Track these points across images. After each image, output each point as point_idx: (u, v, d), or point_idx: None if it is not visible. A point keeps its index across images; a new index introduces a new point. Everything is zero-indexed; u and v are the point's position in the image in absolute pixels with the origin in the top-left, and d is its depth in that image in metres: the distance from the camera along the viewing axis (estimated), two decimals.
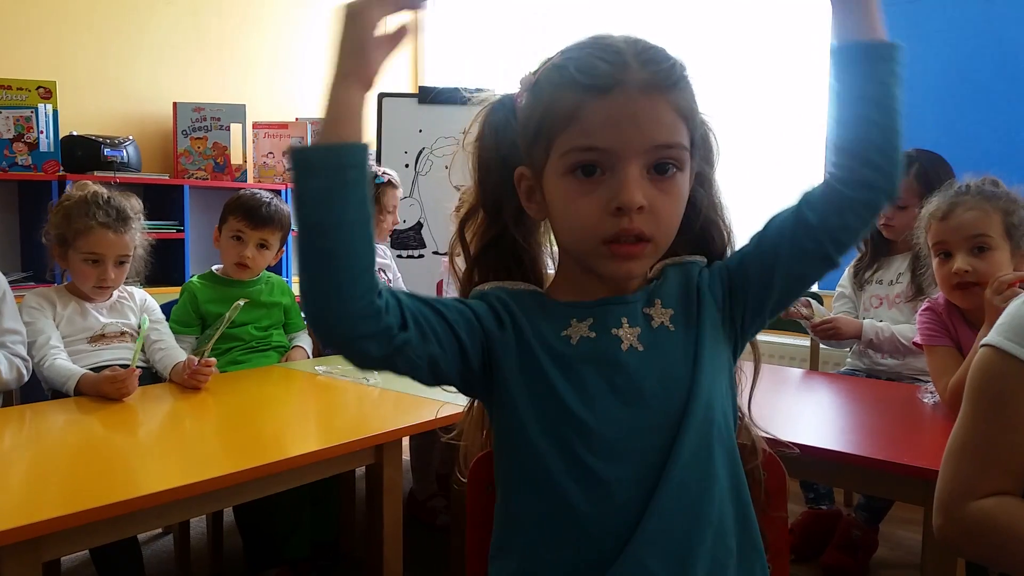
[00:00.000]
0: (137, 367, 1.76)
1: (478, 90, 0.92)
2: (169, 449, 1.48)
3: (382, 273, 2.70)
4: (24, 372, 1.84)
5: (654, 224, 0.76)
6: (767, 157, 3.48)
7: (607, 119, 0.74)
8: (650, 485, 0.76)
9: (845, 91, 0.79)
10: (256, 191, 2.37)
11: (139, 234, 2.03)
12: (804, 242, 0.81)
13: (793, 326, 2.23)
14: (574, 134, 0.76)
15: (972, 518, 0.89)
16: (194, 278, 2.34)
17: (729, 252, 0.91)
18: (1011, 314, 0.93)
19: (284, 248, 2.42)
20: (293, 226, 2.79)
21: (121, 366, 1.83)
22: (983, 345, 0.92)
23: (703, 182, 0.87)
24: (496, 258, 0.88)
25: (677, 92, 0.77)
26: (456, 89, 3.59)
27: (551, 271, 0.91)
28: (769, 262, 0.83)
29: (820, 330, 2.17)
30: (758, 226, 0.86)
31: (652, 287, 0.85)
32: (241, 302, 1.95)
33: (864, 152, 0.78)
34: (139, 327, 1.99)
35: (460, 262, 0.90)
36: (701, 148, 0.84)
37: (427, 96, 3.55)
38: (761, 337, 0.90)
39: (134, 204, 2.02)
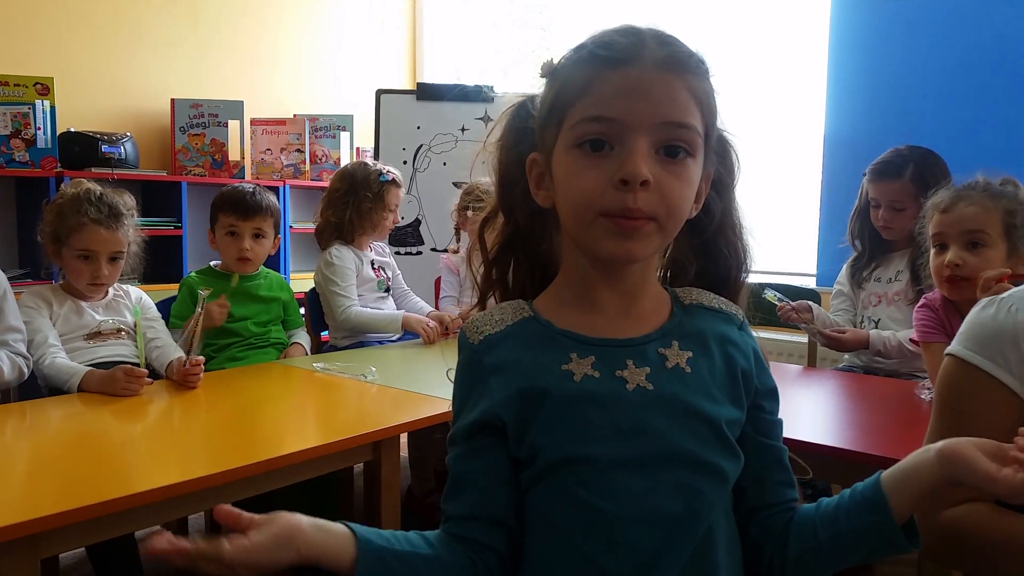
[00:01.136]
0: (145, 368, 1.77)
1: (482, 87, 0.92)
2: (167, 446, 1.47)
3: (381, 271, 2.70)
4: (25, 370, 1.84)
5: (659, 204, 0.73)
6: (764, 163, 3.48)
7: (619, 89, 0.73)
8: (660, 524, 0.74)
9: (848, 541, 0.77)
10: (238, 184, 2.38)
11: (132, 230, 2.03)
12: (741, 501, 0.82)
13: (790, 322, 2.23)
14: (585, 104, 0.75)
15: (943, 527, 0.89)
16: (192, 274, 2.34)
17: (742, 277, 0.89)
18: (970, 322, 0.93)
19: (280, 236, 2.42)
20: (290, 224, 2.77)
21: (128, 363, 1.83)
22: (946, 354, 0.93)
23: (720, 191, 0.85)
24: (511, 258, 0.88)
25: (694, 77, 0.76)
26: (454, 86, 3.59)
27: None
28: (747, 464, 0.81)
29: (824, 339, 2.16)
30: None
31: (671, 325, 0.82)
32: (204, 292, 1.94)
33: None
34: (134, 324, 1.99)
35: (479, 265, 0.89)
36: (719, 154, 0.83)
37: (425, 93, 3.55)
38: (759, 334, 0.88)
39: (127, 201, 2.02)
